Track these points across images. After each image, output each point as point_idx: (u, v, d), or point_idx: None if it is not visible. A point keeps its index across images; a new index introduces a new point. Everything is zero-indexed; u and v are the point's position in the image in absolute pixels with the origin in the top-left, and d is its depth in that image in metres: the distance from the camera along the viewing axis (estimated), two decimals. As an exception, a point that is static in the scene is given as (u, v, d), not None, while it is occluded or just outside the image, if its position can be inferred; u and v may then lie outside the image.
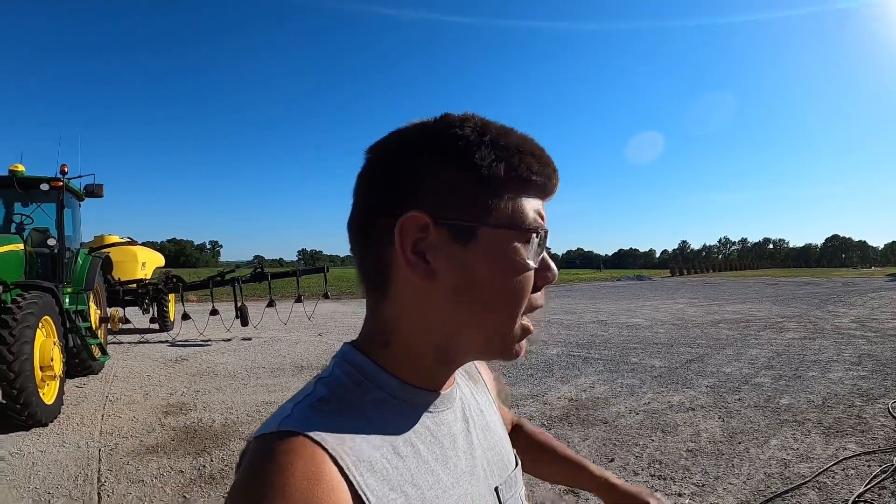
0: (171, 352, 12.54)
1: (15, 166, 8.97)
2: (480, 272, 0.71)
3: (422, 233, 0.71)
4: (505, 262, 0.72)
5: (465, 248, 0.71)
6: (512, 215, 0.73)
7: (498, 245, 0.72)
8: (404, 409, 0.75)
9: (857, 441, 5.90)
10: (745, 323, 16.84)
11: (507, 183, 0.73)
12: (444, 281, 0.72)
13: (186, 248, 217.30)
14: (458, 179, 0.72)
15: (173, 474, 5.39)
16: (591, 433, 6.37)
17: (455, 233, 0.71)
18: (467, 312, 0.73)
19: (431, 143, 0.74)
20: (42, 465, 5.58)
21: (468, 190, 0.71)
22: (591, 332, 14.95)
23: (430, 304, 0.73)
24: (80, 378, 9.28)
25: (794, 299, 26.49)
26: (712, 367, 9.90)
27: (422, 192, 0.72)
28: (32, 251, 8.64)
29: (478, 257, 0.71)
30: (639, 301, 27.07)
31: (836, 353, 11.21)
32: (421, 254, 0.72)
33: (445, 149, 0.73)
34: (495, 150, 0.72)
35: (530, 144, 0.76)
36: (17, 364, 6.27)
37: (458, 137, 0.73)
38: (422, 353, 0.75)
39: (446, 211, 0.71)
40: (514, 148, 0.74)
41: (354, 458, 0.64)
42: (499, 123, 0.77)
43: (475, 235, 0.71)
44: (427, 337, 0.75)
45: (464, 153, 0.72)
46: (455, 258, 0.72)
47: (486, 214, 0.72)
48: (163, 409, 7.63)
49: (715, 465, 5.37)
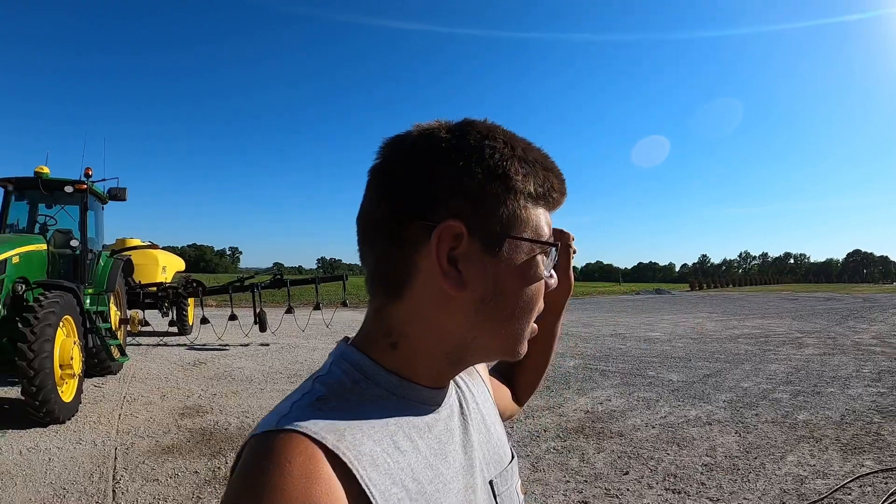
0: (189, 355, 12.63)
1: (40, 168, 9.10)
2: (506, 283, 0.73)
3: (455, 241, 0.71)
4: (528, 273, 0.74)
5: (495, 259, 0.72)
6: (534, 228, 0.75)
7: (522, 257, 0.74)
8: (403, 405, 0.75)
9: (875, 458, 5.83)
10: (765, 338, 16.67)
11: (532, 197, 0.75)
12: (473, 290, 0.72)
13: (207, 254, 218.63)
14: (490, 189, 0.71)
15: (188, 475, 5.42)
16: (607, 446, 6.33)
17: (486, 243, 0.71)
18: (489, 321, 0.74)
19: (467, 150, 0.72)
20: (58, 461, 5.64)
21: (500, 202, 0.72)
22: (609, 346, 14.87)
23: (450, 311, 0.73)
24: (99, 378, 9.38)
25: (813, 315, 26.19)
26: (730, 382, 9.82)
27: (456, 199, 0.71)
28: (55, 252, 8.76)
29: (505, 269, 0.73)
30: (657, 315, 26.88)
31: (855, 369, 11.08)
32: (454, 262, 0.71)
33: (481, 159, 0.72)
34: (524, 165, 0.74)
35: (549, 160, 0.79)
36: (38, 361, 6.36)
37: (494, 149, 0.73)
38: (432, 356, 0.75)
39: (480, 221, 0.71)
40: (539, 163, 0.76)
41: (356, 452, 0.64)
42: (518, 136, 0.79)
43: (503, 247, 0.72)
44: (439, 343, 0.75)
45: (499, 165, 0.72)
46: (486, 269, 0.72)
47: (515, 227, 0.73)
48: (179, 410, 7.68)
49: (730, 479, 5.32)
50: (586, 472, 5.55)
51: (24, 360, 6.29)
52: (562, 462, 5.82)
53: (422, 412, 0.76)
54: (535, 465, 5.69)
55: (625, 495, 4.99)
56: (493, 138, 0.74)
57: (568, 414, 7.69)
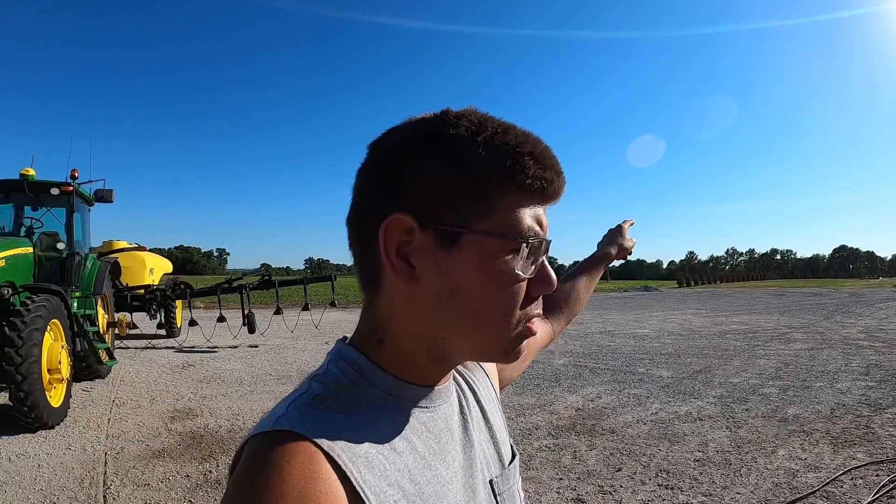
0: (178, 358, 12.56)
1: (26, 170, 9.02)
2: (464, 280, 0.69)
3: (407, 235, 0.70)
4: (490, 271, 0.69)
5: (450, 255, 0.69)
6: (503, 222, 0.69)
7: (484, 253, 0.69)
8: (400, 406, 0.74)
9: (866, 451, 5.87)
10: (753, 334, 16.78)
11: (499, 186, 0.69)
12: (427, 286, 0.71)
13: (194, 255, 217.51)
14: (447, 181, 0.69)
15: (179, 479, 5.39)
16: (599, 443, 6.34)
17: (441, 237, 0.69)
18: (453, 320, 0.71)
19: (424, 141, 0.72)
20: (48, 467, 5.59)
21: (456, 192, 0.69)
22: (598, 343, 14.91)
23: (415, 307, 0.72)
24: (87, 382, 9.30)
25: (801, 310, 26.38)
26: (720, 378, 9.86)
27: (411, 192, 0.70)
28: (42, 255, 8.69)
29: (462, 265, 0.69)
30: (646, 312, 27.00)
31: (844, 363, 11.16)
32: (405, 257, 0.70)
33: (437, 148, 0.70)
34: (488, 151, 0.69)
35: (531, 144, 0.72)
36: (25, 366, 6.30)
37: (451, 136, 0.70)
38: (414, 353, 0.74)
39: (433, 214, 0.69)
40: (511, 148, 0.70)
41: (351, 454, 0.64)
42: (501, 120, 0.73)
43: (460, 241, 0.69)
44: (418, 339, 0.73)
45: (454, 153, 0.69)
46: (439, 264, 0.70)
47: (474, 220, 0.69)
48: (169, 414, 7.64)
49: (723, 474, 5.35)
50: (579, 469, 5.56)
51: (11, 365, 6.23)
52: (554, 460, 5.82)
53: (419, 412, 0.76)
54: (528, 464, 5.69)
55: (618, 492, 5.00)
56: (455, 125, 0.71)
57: (559, 412, 7.70)
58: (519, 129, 0.73)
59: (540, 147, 0.72)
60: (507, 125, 0.73)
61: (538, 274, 0.73)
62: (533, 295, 0.73)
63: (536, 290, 0.73)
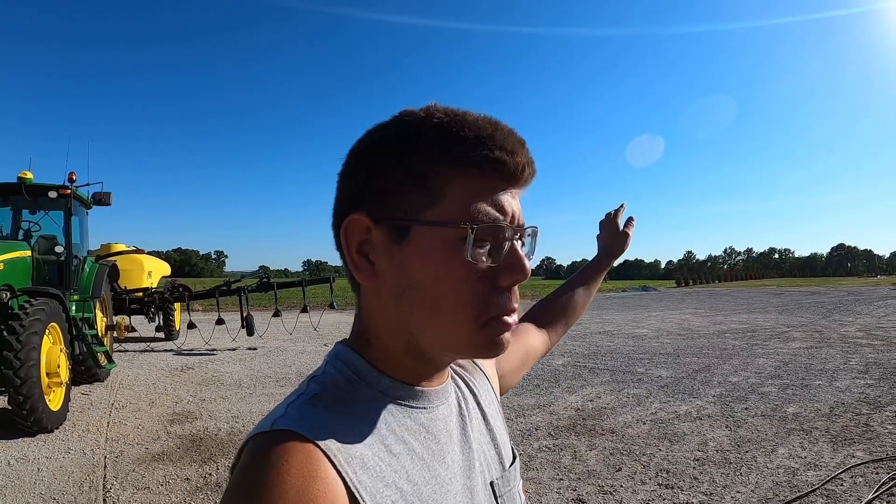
0: (177, 360, 12.54)
1: (23, 173, 9.00)
2: (416, 272, 0.70)
3: (366, 234, 0.72)
4: (439, 261, 0.69)
5: (401, 248, 0.70)
6: (449, 210, 0.69)
7: (431, 243, 0.69)
8: (397, 406, 0.74)
9: (865, 449, 5.88)
10: (752, 333, 16.79)
11: (443, 175, 0.69)
12: (386, 282, 0.72)
13: (192, 258, 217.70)
14: (392, 176, 0.70)
15: (179, 482, 5.38)
16: (598, 443, 6.34)
17: (392, 232, 0.70)
18: (415, 314, 0.71)
19: (375, 142, 0.74)
20: (47, 471, 5.58)
21: (402, 186, 0.70)
22: (597, 343, 14.90)
23: (383, 304, 0.74)
24: (86, 385, 9.28)
25: (799, 309, 26.41)
26: (719, 377, 9.87)
27: (365, 192, 0.72)
28: (40, 258, 8.67)
29: (412, 257, 0.70)
30: (644, 312, 27.00)
31: (842, 361, 11.18)
32: (365, 255, 0.73)
33: (383, 146, 0.72)
34: (429, 141, 0.70)
35: (479, 128, 0.70)
36: (24, 370, 6.28)
37: (395, 133, 0.72)
38: (396, 350, 0.75)
39: (384, 210, 0.71)
40: (454, 133, 0.69)
41: (347, 455, 0.64)
42: (454, 110, 0.72)
43: (409, 234, 0.70)
44: (394, 335, 0.74)
45: (396, 148, 0.71)
46: (392, 258, 0.71)
47: (421, 211, 0.69)
48: (168, 417, 7.63)
49: (723, 473, 5.35)
50: (579, 469, 5.56)
51: (10, 369, 6.22)
52: (554, 460, 5.82)
53: (417, 413, 0.76)
54: (528, 464, 5.69)
55: (618, 492, 5.00)
56: (400, 123, 0.73)
57: (559, 412, 7.70)
58: (470, 116, 0.71)
59: (489, 129, 0.70)
60: (456, 114, 0.72)
61: (504, 262, 0.71)
62: (501, 285, 0.70)
63: (504, 279, 0.70)
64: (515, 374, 1.15)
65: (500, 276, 0.70)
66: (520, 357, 1.16)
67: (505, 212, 0.70)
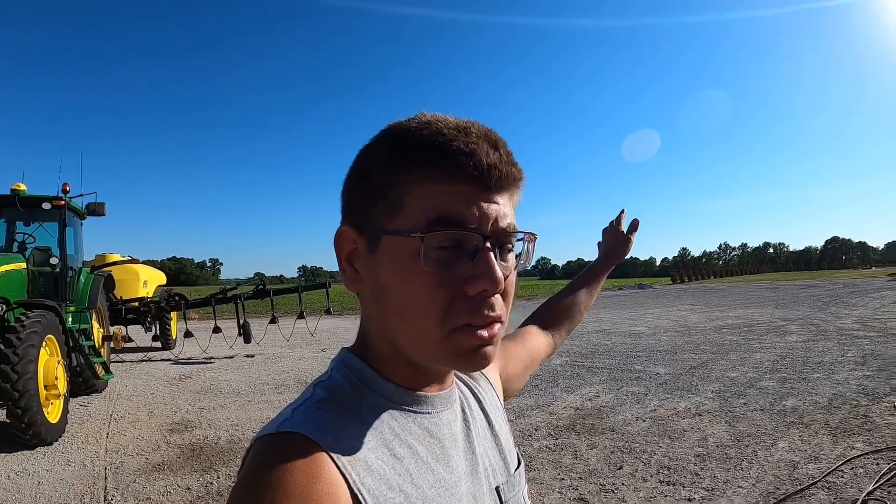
0: (175, 370, 12.50)
1: (17, 185, 8.99)
2: (385, 280, 0.71)
3: (353, 244, 0.76)
4: (402, 270, 0.69)
5: (374, 257, 0.73)
6: (409, 218, 0.69)
7: (395, 252, 0.70)
8: (401, 411, 0.75)
9: (865, 440, 5.90)
10: (748, 328, 16.82)
11: (404, 183, 0.69)
12: (367, 288, 0.75)
13: (187, 266, 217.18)
14: (364, 189, 0.74)
15: (180, 491, 5.37)
16: (599, 441, 6.35)
17: (369, 242, 0.73)
18: (388, 320, 0.73)
19: (358, 159, 0.77)
20: (48, 483, 5.56)
21: (370, 199, 0.73)
22: (595, 342, 14.91)
23: (368, 309, 0.77)
24: (84, 397, 9.24)
25: (795, 302, 26.47)
26: (717, 373, 9.89)
27: (350, 205, 0.77)
28: (35, 270, 8.65)
29: (381, 265, 0.72)
30: (641, 309, 27.01)
31: (840, 354, 11.21)
32: (352, 263, 0.76)
33: (360, 161, 0.76)
34: (389, 152, 0.71)
35: (447, 133, 0.69)
36: (22, 383, 6.26)
37: (370, 148, 0.76)
38: (389, 356, 0.76)
39: (363, 221, 0.74)
40: (421, 142, 0.69)
41: (351, 457, 0.66)
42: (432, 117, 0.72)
43: (380, 243, 0.72)
44: (381, 341, 0.77)
45: (367, 162, 0.75)
46: (368, 266, 0.74)
47: (387, 221, 0.71)
48: (167, 426, 7.61)
49: (724, 469, 5.36)
50: (580, 468, 5.57)
51: (7, 383, 6.19)
52: (555, 460, 5.83)
53: (421, 417, 0.77)
54: (529, 465, 5.69)
55: (620, 490, 5.00)
56: (378, 137, 0.76)
57: (558, 412, 7.70)
58: (441, 122, 0.71)
59: (453, 133, 0.69)
60: (429, 121, 0.71)
61: (473, 269, 0.68)
62: (469, 293, 0.68)
63: (471, 287, 0.68)
64: (520, 377, 1.16)
65: (467, 284, 0.68)
66: (524, 360, 1.17)
67: (471, 217, 0.68)
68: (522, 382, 1.18)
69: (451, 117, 0.72)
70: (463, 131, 0.69)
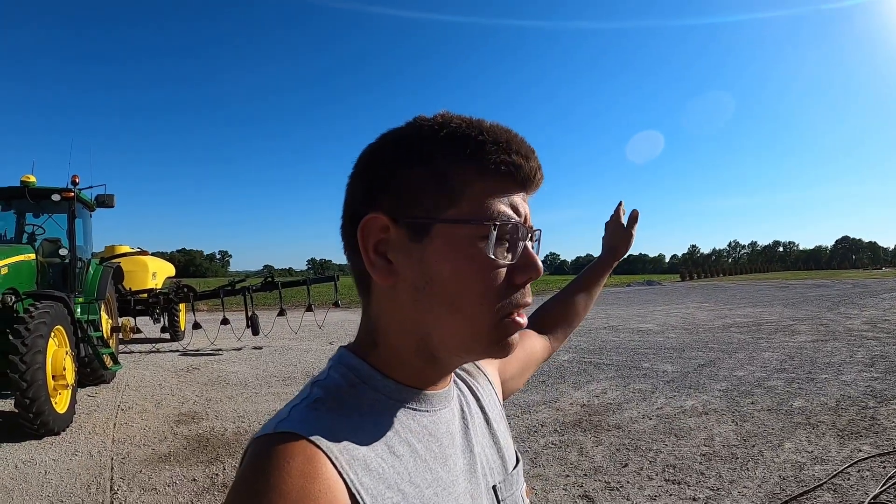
0: (183, 361, 12.58)
1: (27, 177, 9.03)
2: (437, 269, 0.71)
3: (383, 233, 0.73)
4: (461, 258, 0.70)
5: (421, 246, 0.71)
6: (470, 209, 0.71)
7: (452, 240, 0.70)
8: (400, 409, 0.75)
9: (872, 443, 5.86)
10: (757, 326, 16.77)
11: (464, 175, 0.71)
12: (405, 280, 0.73)
13: (196, 258, 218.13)
14: (413, 176, 0.72)
15: (186, 482, 5.40)
16: (605, 439, 6.34)
17: (412, 230, 0.72)
18: (431, 312, 0.72)
19: (392, 145, 0.75)
20: (55, 473, 5.60)
21: (423, 186, 0.71)
22: (602, 338, 14.90)
23: (398, 303, 0.74)
24: (92, 387, 9.32)
25: (804, 302, 26.36)
26: (724, 372, 9.86)
27: (383, 192, 0.73)
28: (44, 261, 8.69)
29: (433, 254, 0.71)
30: (649, 306, 26.97)
31: (848, 355, 11.15)
32: (383, 254, 0.73)
33: (403, 147, 0.74)
34: (450, 142, 0.72)
35: (495, 133, 0.73)
36: (30, 373, 6.30)
37: (414, 136, 0.74)
38: (405, 352, 0.76)
39: (404, 209, 0.72)
40: (473, 138, 0.72)
41: (349, 457, 0.65)
42: (469, 118, 0.75)
43: (429, 232, 0.71)
44: (405, 336, 0.75)
45: (418, 149, 0.73)
46: (412, 256, 0.72)
47: (442, 210, 0.71)
48: (175, 417, 7.65)
49: (729, 468, 5.34)
50: (586, 465, 5.56)
51: (16, 373, 6.24)
52: (561, 456, 5.82)
53: (420, 415, 0.76)
54: (535, 461, 5.70)
55: (625, 488, 5.00)
56: (419, 127, 0.74)
57: (564, 408, 7.70)
58: (485, 123, 0.74)
59: (505, 135, 0.73)
60: (472, 120, 0.74)
61: (520, 261, 0.73)
62: (516, 283, 0.73)
63: (519, 277, 0.73)
64: (517, 379, 1.15)
65: (516, 273, 0.72)
66: (521, 362, 1.16)
67: (519, 213, 0.73)
68: (519, 385, 1.17)
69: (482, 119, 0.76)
70: (514, 136, 0.74)
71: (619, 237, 1.47)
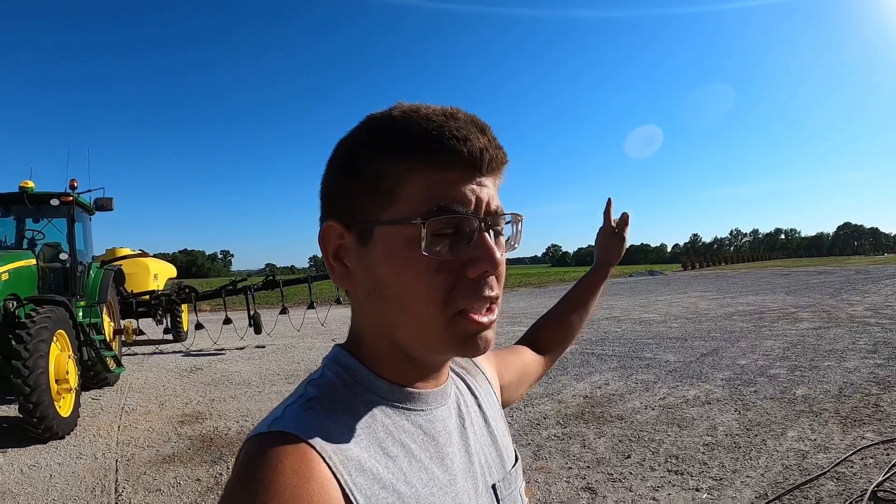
0: (186, 362, 12.60)
1: (25, 182, 9.04)
2: (381, 273, 0.71)
3: (340, 239, 0.75)
4: (400, 259, 0.69)
5: (367, 250, 0.72)
6: (405, 207, 0.69)
7: (390, 243, 0.70)
8: (394, 409, 0.75)
9: (875, 430, 5.86)
10: (759, 314, 16.76)
11: (395, 173, 0.69)
12: (360, 284, 0.74)
13: (198, 259, 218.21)
14: (353, 183, 0.72)
15: (190, 483, 5.41)
16: (607, 430, 6.34)
17: (359, 236, 0.72)
18: (385, 312, 0.72)
19: (337, 152, 0.76)
20: (60, 477, 5.61)
21: (360, 192, 0.72)
22: (605, 329, 14.90)
23: (362, 305, 0.76)
24: (96, 390, 9.33)
25: (807, 289, 26.34)
26: (727, 360, 9.86)
27: (336, 200, 0.75)
28: (45, 266, 8.70)
29: (377, 257, 0.71)
30: (651, 296, 26.95)
31: (851, 341, 11.14)
32: (341, 260, 0.75)
33: (340, 154, 0.75)
34: (376, 144, 0.71)
35: (433, 120, 0.69)
36: (33, 378, 6.31)
37: (349, 142, 0.75)
38: (383, 351, 0.76)
39: (351, 215, 0.73)
40: (407, 131, 0.69)
41: (342, 457, 0.65)
42: (415, 106, 0.72)
43: (373, 235, 0.71)
44: (377, 338, 0.76)
45: (350, 155, 0.73)
46: (362, 260, 0.73)
47: (380, 212, 0.70)
48: (178, 418, 7.67)
49: (732, 458, 5.34)
50: (588, 457, 5.56)
51: (19, 378, 6.25)
52: (563, 449, 5.83)
53: (415, 415, 0.76)
54: (537, 453, 5.70)
55: (628, 479, 5.00)
56: (358, 130, 0.75)
57: (567, 400, 7.70)
58: (423, 110, 0.71)
59: (440, 120, 0.69)
60: (411, 110, 0.72)
61: (472, 252, 0.69)
62: (469, 276, 0.69)
63: (472, 271, 0.69)
64: (514, 389, 1.14)
65: (468, 267, 0.69)
66: (518, 371, 1.16)
67: (467, 201, 0.69)
68: (516, 395, 1.16)
69: (431, 105, 0.73)
70: (451, 117, 0.70)
71: (611, 244, 1.43)
